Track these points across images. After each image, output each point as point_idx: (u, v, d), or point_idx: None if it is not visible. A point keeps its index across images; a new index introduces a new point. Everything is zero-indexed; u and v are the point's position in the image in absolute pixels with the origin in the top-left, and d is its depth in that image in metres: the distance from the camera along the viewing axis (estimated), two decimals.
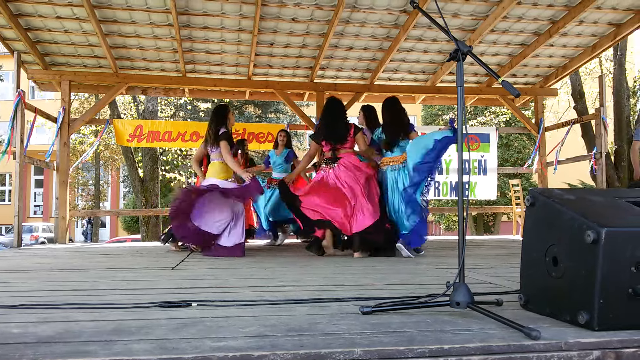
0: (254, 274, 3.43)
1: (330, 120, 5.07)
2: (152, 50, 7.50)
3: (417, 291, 2.54)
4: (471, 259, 4.34)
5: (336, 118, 5.07)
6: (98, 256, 4.98)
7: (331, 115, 5.09)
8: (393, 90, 8.65)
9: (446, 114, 20.02)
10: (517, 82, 8.77)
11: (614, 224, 1.72)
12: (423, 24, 6.98)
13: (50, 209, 26.14)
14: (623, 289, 1.69)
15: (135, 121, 9.85)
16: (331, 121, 5.06)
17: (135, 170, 13.72)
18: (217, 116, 5.20)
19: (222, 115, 5.21)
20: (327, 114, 5.12)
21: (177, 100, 17.79)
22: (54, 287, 2.84)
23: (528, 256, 2.04)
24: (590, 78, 14.42)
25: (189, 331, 1.69)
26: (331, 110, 5.12)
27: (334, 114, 5.09)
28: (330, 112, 5.11)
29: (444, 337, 1.61)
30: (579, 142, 11.48)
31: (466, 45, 2.03)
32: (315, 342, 1.54)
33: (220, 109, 5.30)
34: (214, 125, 5.15)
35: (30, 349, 1.48)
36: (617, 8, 6.80)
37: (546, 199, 1.96)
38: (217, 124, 5.14)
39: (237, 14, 6.69)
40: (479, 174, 8.69)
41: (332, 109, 5.12)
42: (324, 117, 5.13)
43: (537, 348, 1.53)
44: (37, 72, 7.64)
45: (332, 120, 5.06)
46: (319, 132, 5.12)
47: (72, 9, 6.49)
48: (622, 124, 11.82)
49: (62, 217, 7.41)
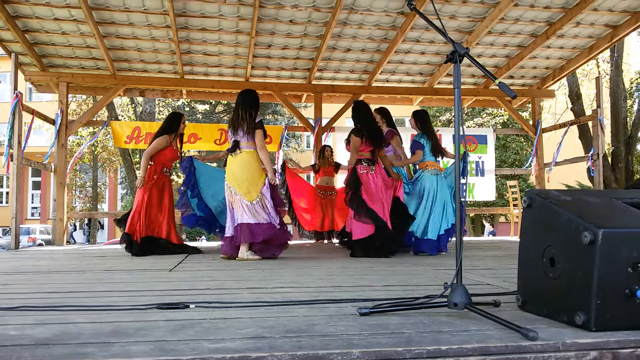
0: (252, 275, 3.43)
1: (373, 123, 5.16)
2: (149, 52, 7.50)
3: (414, 292, 2.54)
4: (469, 260, 4.35)
5: (374, 122, 5.23)
6: (95, 258, 4.97)
7: (371, 118, 5.16)
8: (391, 92, 8.67)
9: (444, 115, 20.06)
10: (514, 84, 8.79)
11: (610, 225, 1.73)
12: (420, 25, 6.99)
13: (47, 210, 26.08)
14: (620, 290, 1.69)
15: (133, 123, 9.84)
16: (374, 124, 5.17)
17: (133, 172, 13.71)
18: (250, 100, 4.71)
19: (255, 100, 4.75)
20: (368, 117, 5.12)
21: (175, 101, 17.80)
22: (51, 289, 2.84)
23: (525, 257, 2.04)
24: (588, 79, 14.46)
25: (186, 333, 1.69)
26: (369, 113, 5.18)
27: (373, 118, 5.21)
28: (370, 115, 5.17)
29: (442, 338, 1.62)
30: (576, 144, 11.50)
31: (463, 47, 2.03)
32: (313, 344, 1.54)
33: (252, 94, 4.80)
34: (250, 110, 4.65)
35: (27, 351, 1.47)
36: (614, 10, 6.83)
37: (543, 200, 1.97)
38: (254, 109, 4.67)
39: (235, 15, 6.70)
40: (477, 176, 8.70)
41: (369, 113, 5.18)
42: (367, 119, 5.09)
43: (535, 349, 1.54)
44: (34, 74, 7.64)
45: (374, 124, 5.19)
46: (361, 131, 5.00)
47: (70, 10, 6.49)
48: (619, 125, 11.86)
49: (60, 219, 7.40)
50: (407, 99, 9.03)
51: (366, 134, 4.95)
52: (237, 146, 4.68)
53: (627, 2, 6.65)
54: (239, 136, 4.67)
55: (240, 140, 4.67)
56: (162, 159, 5.33)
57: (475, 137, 8.84)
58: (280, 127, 8.87)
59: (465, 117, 18.23)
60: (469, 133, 9.04)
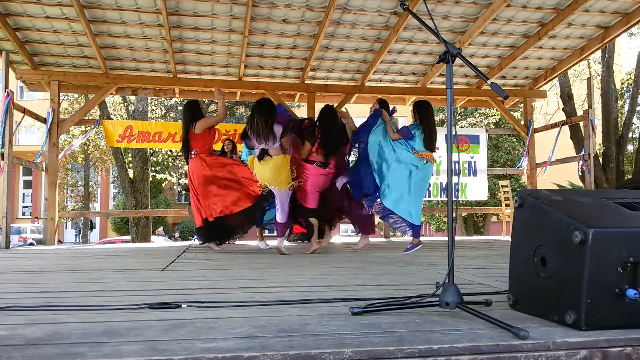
0: (245, 275, 3.43)
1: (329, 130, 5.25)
2: (142, 50, 7.46)
3: (407, 292, 2.55)
4: (461, 260, 4.36)
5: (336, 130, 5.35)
6: (87, 258, 4.95)
7: (330, 125, 5.27)
8: (384, 92, 8.67)
9: (437, 115, 20.09)
10: (506, 84, 8.83)
11: (601, 224, 1.74)
12: (413, 25, 7.01)
13: (39, 210, 25.91)
14: (610, 289, 1.71)
15: (125, 122, 9.79)
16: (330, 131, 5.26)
17: (125, 171, 13.64)
18: (264, 109, 5.01)
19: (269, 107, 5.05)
20: (328, 123, 5.26)
21: (167, 100, 17.74)
22: (42, 289, 2.82)
23: (517, 257, 2.06)
24: (579, 80, 14.54)
25: (178, 332, 1.69)
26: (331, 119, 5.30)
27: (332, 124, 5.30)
28: (330, 122, 5.28)
29: (433, 337, 1.62)
30: (567, 144, 11.56)
31: (455, 47, 2.04)
32: (305, 343, 1.55)
33: (269, 102, 5.16)
34: (267, 118, 4.92)
35: (18, 351, 1.47)
36: (605, 11, 6.87)
37: (534, 200, 1.98)
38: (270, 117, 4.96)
39: (228, 14, 6.68)
40: (469, 175, 8.73)
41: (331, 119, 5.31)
42: (326, 125, 5.24)
43: (526, 348, 1.55)
44: (25, 72, 7.58)
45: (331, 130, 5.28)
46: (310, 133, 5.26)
47: (62, 8, 6.44)
48: (610, 125, 11.94)
49: (51, 218, 7.36)
50: (400, 98, 9.04)
51: (321, 142, 5.16)
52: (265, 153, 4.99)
53: (618, 3, 6.70)
54: (262, 143, 4.96)
55: (269, 148, 4.97)
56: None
57: (467, 137, 8.87)
58: None
59: (457, 117, 18.28)
60: (461, 133, 9.06)
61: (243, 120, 19.83)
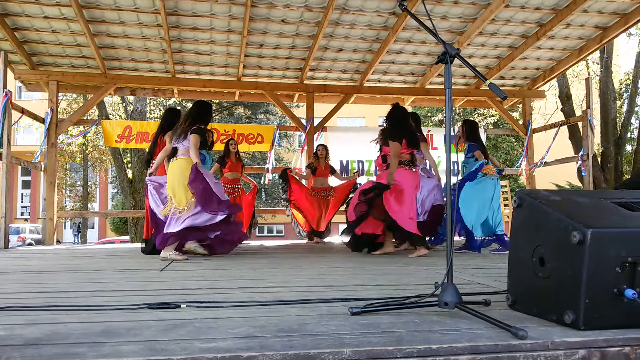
0: (244, 275, 3.43)
1: (408, 125, 5.18)
2: (140, 50, 7.46)
3: (406, 292, 2.55)
4: (459, 260, 4.37)
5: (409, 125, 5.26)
6: (86, 258, 4.94)
7: (406, 121, 5.19)
8: (383, 92, 8.69)
9: (435, 116, 20.11)
10: (505, 85, 8.84)
11: (599, 224, 1.75)
12: (412, 26, 7.01)
13: (37, 210, 25.89)
14: (608, 289, 1.71)
15: (123, 122, 9.78)
16: (409, 126, 5.19)
17: (124, 171, 13.62)
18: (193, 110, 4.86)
19: (198, 110, 4.86)
20: (405, 119, 5.17)
21: (166, 101, 17.72)
22: (41, 289, 2.82)
23: (515, 257, 2.06)
24: (577, 80, 14.54)
25: (178, 332, 1.69)
26: (406, 116, 5.23)
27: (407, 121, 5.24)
28: (406, 118, 5.21)
29: (432, 337, 1.62)
30: (566, 144, 11.57)
31: (454, 47, 2.05)
32: (304, 343, 1.55)
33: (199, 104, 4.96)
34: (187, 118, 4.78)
35: (17, 352, 1.47)
36: (603, 12, 6.89)
37: (533, 200, 1.98)
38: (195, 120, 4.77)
39: (227, 14, 6.68)
40: None
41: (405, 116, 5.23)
42: (403, 121, 5.14)
43: (524, 347, 1.55)
44: (24, 72, 7.58)
45: (409, 126, 5.20)
46: (397, 134, 5.02)
47: (60, 8, 6.44)
48: (609, 126, 11.94)
49: (50, 218, 7.35)
50: (398, 99, 9.00)
51: (405, 138, 5.00)
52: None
53: (617, 4, 6.71)
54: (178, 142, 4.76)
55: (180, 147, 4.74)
56: None
57: None
58: (272, 126, 8.86)
59: (456, 118, 18.30)
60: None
61: (242, 120, 19.83)
